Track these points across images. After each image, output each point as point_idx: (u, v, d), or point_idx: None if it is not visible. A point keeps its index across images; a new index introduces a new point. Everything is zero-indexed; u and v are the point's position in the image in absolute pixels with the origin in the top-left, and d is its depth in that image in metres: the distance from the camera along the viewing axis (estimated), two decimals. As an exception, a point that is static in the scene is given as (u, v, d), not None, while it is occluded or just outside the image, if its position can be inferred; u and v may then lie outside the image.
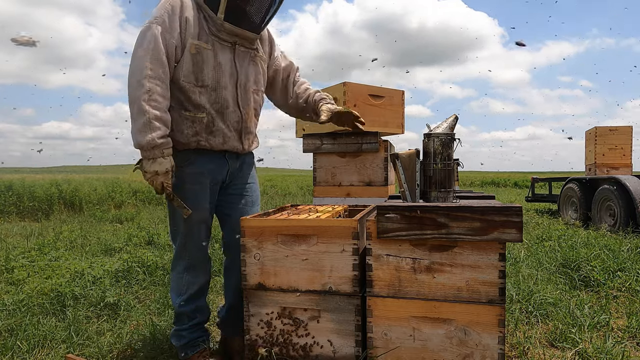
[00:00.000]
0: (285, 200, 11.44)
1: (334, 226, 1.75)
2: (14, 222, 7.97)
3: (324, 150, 2.69)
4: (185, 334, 2.00)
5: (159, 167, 1.72)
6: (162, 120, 1.72)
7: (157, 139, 1.70)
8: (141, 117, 1.69)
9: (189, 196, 1.88)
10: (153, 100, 1.70)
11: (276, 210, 2.18)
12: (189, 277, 1.98)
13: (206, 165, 1.91)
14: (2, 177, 11.31)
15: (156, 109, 1.71)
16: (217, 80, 1.86)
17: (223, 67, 1.87)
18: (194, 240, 1.95)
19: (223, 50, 1.87)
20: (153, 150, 1.71)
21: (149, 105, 1.69)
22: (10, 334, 2.33)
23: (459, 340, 1.63)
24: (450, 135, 1.83)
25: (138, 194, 11.10)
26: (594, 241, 4.53)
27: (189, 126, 1.85)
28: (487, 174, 35.92)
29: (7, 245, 4.80)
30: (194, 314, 2.01)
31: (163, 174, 1.73)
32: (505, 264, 1.59)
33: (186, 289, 1.98)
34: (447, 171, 1.81)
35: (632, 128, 7.45)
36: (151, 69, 1.71)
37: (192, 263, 1.98)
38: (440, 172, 1.81)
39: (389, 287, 1.70)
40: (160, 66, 1.73)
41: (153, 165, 1.72)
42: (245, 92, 1.96)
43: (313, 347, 1.79)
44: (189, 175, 1.89)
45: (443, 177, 1.81)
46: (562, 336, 2.27)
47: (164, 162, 1.73)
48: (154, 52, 1.72)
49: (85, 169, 43.52)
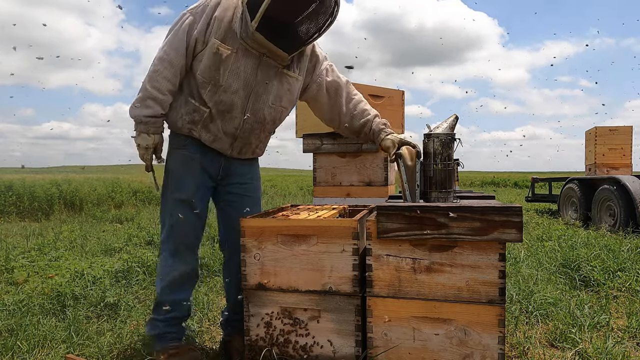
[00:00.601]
0: (285, 200, 11.44)
1: (334, 226, 1.75)
2: (14, 222, 7.97)
3: (324, 150, 2.69)
4: (160, 325, 1.98)
5: (141, 142, 1.88)
6: (157, 100, 1.83)
7: (143, 117, 1.84)
8: (141, 92, 1.83)
9: (175, 177, 1.97)
10: (156, 80, 1.82)
11: (276, 210, 2.18)
12: (172, 262, 1.96)
13: (196, 153, 1.95)
14: (2, 177, 11.31)
15: (155, 89, 1.82)
16: (230, 83, 1.84)
17: (241, 72, 1.84)
18: (178, 222, 1.94)
19: (247, 57, 1.84)
20: (140, 125, 1.86)
21: (150, 84, 1.82)
22: (10, 334, 2.33)
23: (459, 340, 1.63)
24: (450, 135, 1.82)
25: (138, 194, 11.10)
26: (594, 241, 4.53)
27: (188, 113, 1.90)
28: (487, 174, 35.94)
29: (7, 245, 4.80)
30: (171, 306, 1.97)
31: (144, 148, 1.88)
32: (505, 264, 1.59)
33: (168, 275, 1.96)
34: (447, 171, 1.80)
35: (632, 128, 7.46)
36: (166, 52, 1.83)
37: (177, 247, 1.97)
38: (440, 172, 1.80)
39: (389, 287, 1.70)
40: (176, 52, 1.82)
41: (138, 138, 1.88)
42: (257, 103, 1.91)
43: (313, 347, 1.79)
44: (180, 156, 1.97)
45: (443, 178, 1.80)
46: (562, 336, 2.27)
47: (147, 139, 1.87)
48: (175, 38, 1.83)
49: (85, 169, 43.56)
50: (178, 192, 1.95)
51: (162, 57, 1.82)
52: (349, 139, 2.60)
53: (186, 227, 1.96)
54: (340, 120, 2.09)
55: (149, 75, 1.83)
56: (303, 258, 1.79)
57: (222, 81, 1.83)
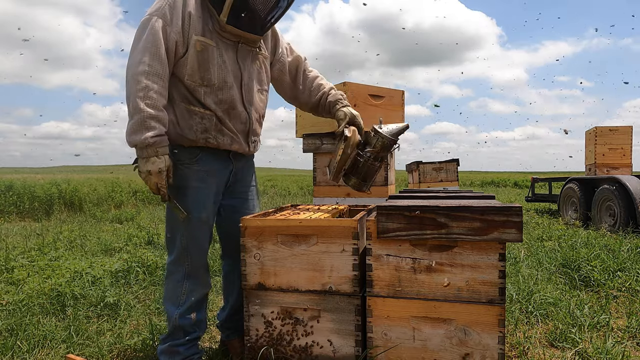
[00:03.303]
0: (285, 200, 11.44)
1: (334, 226, 1.75)
2: (14, 222, 7.97)
3: (324, 150, 2.68)
4: (182, 349, 1.85)
5: (152, 167, 1.66)
6: (157, 118, 1.66)
7: (149, 138, 1.63)
8: (136, 115, 1.63)
9: (193, 195, 1.81)
10: (148, 97, 1.64)
11: (276, 210, 2.18)
12: (189, 285, 1.85)
13: (212, 164, 1.85)
14: (2, 177, 11.31)
15: (151, 107, 1.64)
16: (224, 79, 1.79)
17: (228, 65, 1.80)
18: (196, 243, 1.84)
19: (227, 48, 1.81)
20: (146, 149, 1.65)
21: (144, 103, 1.63)
22: (10, 334, 2.33)
23: (458, 340, 1.63)
24: (394, 140, 1.93)
25: (138, 194, 11.12)
26: (594, 241, 4.53)
27: (198, 122, 1.78)
28: (487, 174, 35.93)
29: (7, 245, 4.80)
30: (192, 328, 1.87)
31: (156, 173, 1.67)
32: (505, 264, 1.59)
33: (186, 298, 1.84)
34: (373, 168, 1.96)
35: (632, 128, 7.46)
36: (149, 65, 1.65)
37: (194, 269, 1.85)
38: (367, 166, 1.95)
39: (389, 287, 1.70)
40: (159, 62, 1.67)
41: (147, 164, 1.66)
42: (249, 92, 1.89)
43: (313, 347, 1.78)
44: (195, 172, 1.82)
45: (367, 171, 1.96)
46: (562, 336, 2.27)
47: (157, 161, 1.66)
48: (152, 46, 1.65)
49: (84, 168, 43.52)
50: (197, 211, 1.82)
51: (146, 71, 1.64)
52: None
53: (203, 246, 1.87)
54: (300, 97, 2.14)
55: (137, 94, 1.63)
56: (303, 258, 1.79)
57: (215, 79, 1.77)
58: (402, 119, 2.80)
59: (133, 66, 1.65)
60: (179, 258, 1.84)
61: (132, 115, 1.64)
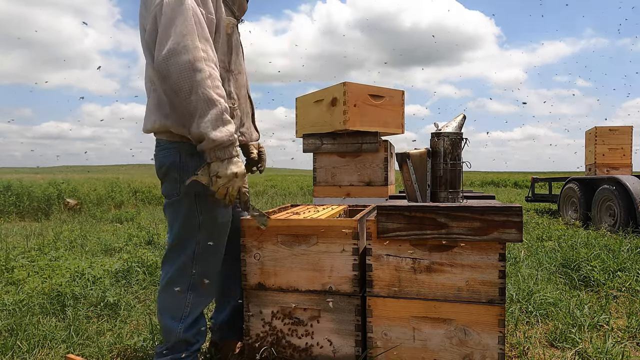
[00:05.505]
0: (285, 200, 11.44)
1: (334, 226, 1.75)
2: (13, 222, 7.97)
3: (324, 150, 2.69)
4: None
5: (238, 169, 1.42)
6: (229, 111, 1.45)
7: (232, 135, 1.40)
8: (211, 108, 1.36)
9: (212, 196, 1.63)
10: (217, 87, 1.39)
11: (276, 210, 2.18)
12: (193, 297, 1.64)
13: None
14: (2, 177, 11.31)
15: (223, 97, 1.40)
16: (240, 62, 1.65)
17: (239, 48, 1.68)
18: (216, 249, 1.66)
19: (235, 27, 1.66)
20: (229, 148, 1.39)
21: (216, 93, 1.37)
22: (10, 334, 2.33)
23: (458, 340, 1.63)
24: (459, 134, 1.81)
25: (138, 194, 11.12)
26: (594, 241, 4.53)
27: None
28: (487, 174, 35.95)
29: (7, 245, 4.80)
30: (195, 338, 1.69)
31: (242, 176, 1.44)
32: (505, 264, 1.59)
33: (189, 312, 1.64)
34: (456, 171, 1.80)
35: (632, 128, 7.46)
36: (204, 50, 1.38)
37: (200, 279, 1.64)
38: (449, 172, 1.79)
39: (389, 287, 1.70)
40: (211, 47, 1.42)
41: (230, 166, 1.40)
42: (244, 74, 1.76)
43: (313, 347, 1.79)
44: None
45: (452, 177, 1.80)
46: (562, 336, 2.27)
47: (239, 162, 1.44)
48: (199, 28, 1.39)
49: (84, 168, 43.55)
50: (222, 215, 1.63)
51: (203, 57, 1.37)
52: (349, 139, 2.60)
53: (222, 254, 1.72)
54: None
55: (203, 83, 1.35)
56: (303, 258, 1.79)
57: (233, 65, 1.61)
58: (402, 119, 2.80)
59: (184, 51, 1.35)
60: (185, 267, 1.62)
61: (206, 109, 1.36)
